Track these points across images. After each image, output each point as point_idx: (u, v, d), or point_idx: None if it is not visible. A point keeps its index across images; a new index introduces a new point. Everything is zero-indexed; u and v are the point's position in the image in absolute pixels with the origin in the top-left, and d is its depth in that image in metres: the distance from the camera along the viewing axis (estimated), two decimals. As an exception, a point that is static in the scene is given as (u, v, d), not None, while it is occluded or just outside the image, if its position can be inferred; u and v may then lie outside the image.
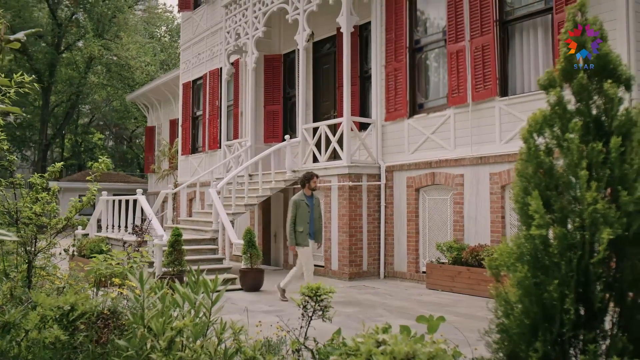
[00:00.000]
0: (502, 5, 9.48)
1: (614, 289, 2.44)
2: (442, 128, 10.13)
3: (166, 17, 37.26)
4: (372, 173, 11.10)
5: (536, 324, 2.42)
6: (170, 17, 37.22)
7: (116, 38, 28.71)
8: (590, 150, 2.47)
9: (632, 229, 2.35)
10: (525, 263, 2.48)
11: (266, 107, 14.89)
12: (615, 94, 2.52)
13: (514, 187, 2.63)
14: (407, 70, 10.83)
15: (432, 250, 10.09)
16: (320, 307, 3.03)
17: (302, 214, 8.44)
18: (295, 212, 8.47)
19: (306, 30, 11.91)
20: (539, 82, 2.70)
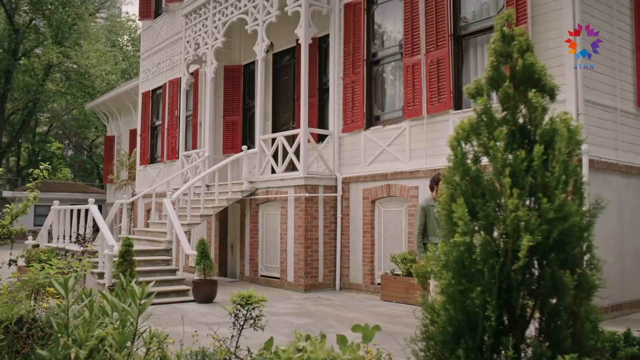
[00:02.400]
0: (457, 21, 9.63)
1: (536, 296, 2.45)
2: (397, 140, 10.20)
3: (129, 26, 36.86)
4: (329, 184, 11.10)
5: (460, 331, 2.42)
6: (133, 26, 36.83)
7: (76, 46, 28.24)
8: (514, 158, 2.50)
9: (552, 236, 2.37)
10: (450, 270, 2.48)
11: (225, 118, 14.81)
12: (539, 103, 2.55)
13: (440, 194, 2.63)
14: (365, 82, 10.90)
15: (387, 262, 10.11)
16: (251, 316, 2.96)
17: (433, 223, 6.62)
18: (425, 220, 6.72)
19: (265, 41, 11.91)
20: (467, 90, 2.72)
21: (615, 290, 8.11)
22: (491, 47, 2.73)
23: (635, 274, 8.61)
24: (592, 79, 8.22)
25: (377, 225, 10.52)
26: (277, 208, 11.44)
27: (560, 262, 2.41)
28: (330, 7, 11.57)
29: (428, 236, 6.66)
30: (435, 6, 9.71)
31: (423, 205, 6.79)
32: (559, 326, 2.38)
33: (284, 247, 11.12)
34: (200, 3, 13.98)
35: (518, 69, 2.65)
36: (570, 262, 2.41)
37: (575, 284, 2.35)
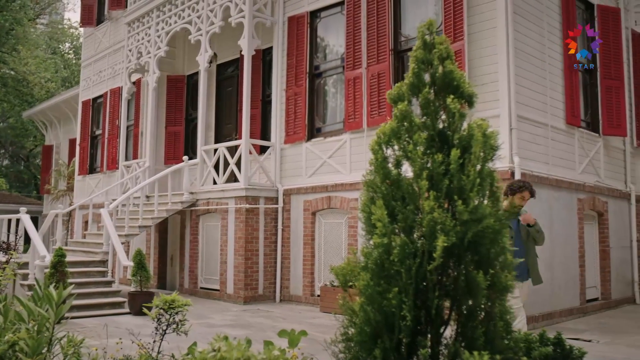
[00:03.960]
0: (397, 36, 9.83)
1: (452, 296, 2.51)
2: (338, 152, 10.29)
3: (71, 34, 35.97)
4: (270, 196, 11.08)
5: (377, 332, 2.45)
6: (75, 34, 35.97)
7: (14, 51, 27.35)
8: (432, 161, 2.56)
9: (467, 238, 2.44)
10: (369, 271, 2.52)
11: (168, 128, 14.61)
12: (457, 109, 2.63)
13: (361, 197, 2.67)
14: (307, 95, 10.97)
15: (327, 274, 10.14)
16: (175, 321, 2.92)
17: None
18: None
19: (208, 51, 11.84)
20: (389, 95, 2.78)
21: (545, 299, 8.37)
22: (413, 55, 2.81)
23: (565, 285, 8.91)
24: (525, 95, 8.52)
25: (318, 237, 10.56)
26: (218, 219, 11.33)
27: (475, 263, 2.47)
28: (274, 19, 11.62)
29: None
30: (376, 21, 9.89)
31: None
32: (473, 326, 2.44)
33: (224, 259, 11.01)
34: (144, 11, 13.81)
35: (438, 76, 2.73)
36: (484, 263, 2.48)
37: (488, 284, 2.41)
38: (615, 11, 10.70)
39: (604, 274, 10.04)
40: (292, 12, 11.45)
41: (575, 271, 9.22)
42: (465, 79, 2.74)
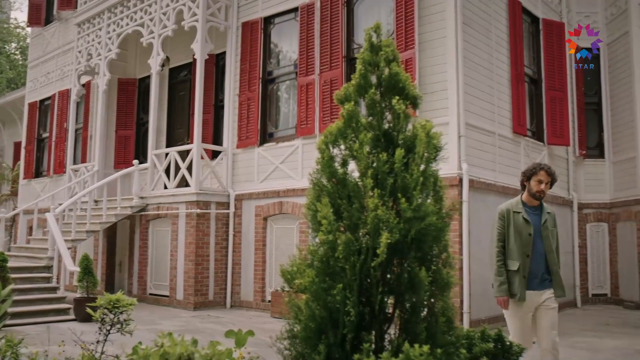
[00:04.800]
0: (350, 44, 9.94)
1: (396, 292, 2.56)
2: (290, 158, 10.31)
3: (17, 33, 34.95)
4: (222, 201, 11.00)
5: (322, 328, 2.48)
6: (22, 34, 34.98)
7: (-43, 51, 26.42)
8: (377, 160, 2.61)
9: (410, 235, 2.49)
10: (315, 269, 2.55)
11: (118, 132, 14.35)
12: (402, 110, 2.69)
13: (307, 195, 2.70)
14: (260, 100, 10.97)
15: (279, 279, 10.12)
16: (119, 321, 2.88)
17: (518, 239, 4.55)
18: (504, 233, 4.62)
19: (161, 55, 11.72)
20: (336, 96, 2.82)
21: (492, 302, 8.54)
22: (360, 57, 2.86)
23: (510, 289, 9.12)
24: (474, 104, 8.73)
25: (269, 242, 10.54)
26: (168, 224, 11.18)
27: (418, 259, 2.53)
28: (228, 24, 11.59)
29: (511, 257, 4.53)
30: (330, 29, 9.98)
31: (503, 210, 4.67)
32: (416, 321, 2.49)
33: (174, 265, 10.86)
34: (94, 12, 13.56)
35: (384, 78, 2.79)
36: (427, 260, 2.54)
37: (430, 280, 2.47)
38: (560, 25, 11.09)
39: (548, 278, 10.32)
40: (246, 17, 11.45)
41: (521, 276, 9.45)
42: (411, 81, 2.80)
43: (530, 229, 4.51)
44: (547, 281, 4.54)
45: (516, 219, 4.55)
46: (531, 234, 4.50)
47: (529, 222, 4.52)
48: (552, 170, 4.59)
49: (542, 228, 4.55)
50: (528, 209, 4.60)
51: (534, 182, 4.55)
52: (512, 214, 4.58)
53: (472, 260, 8.18)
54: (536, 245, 4.52)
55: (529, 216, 4.54)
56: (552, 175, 4.57)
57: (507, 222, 4.58)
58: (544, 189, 4.53)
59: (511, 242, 4.53)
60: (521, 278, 4.45)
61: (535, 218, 4.57)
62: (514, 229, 4.53)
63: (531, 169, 4.61)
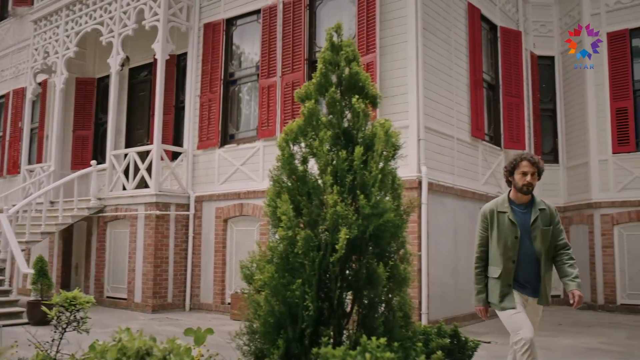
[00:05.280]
0: (312, 46, 9.99)
1: (354, 288, 2.60)
2: (251, 160, 10.29)
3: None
4: (182, 203, 10.91)
5: (281, 323, 2.50)
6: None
7: None
8: (337, 158, 2.65)
9: (368, 231, 2.54)
10: (274, 264, 2.56)
11: (75, 132, 14.08)
12: (362, 108, 2.74)
13: (267, 192, 2.72)
14: (221, 101, 10.92)
15: (239, 281, 10.07)
16: (76, 319, 2.83)
17: (503, 242, 4.05)
18: (486, 236, 4.16)
19: (120, 54, 11.55)
20: (297, 94, 2.85)
21: (450, 304, 8.71)
22: (321, 56, 2.90)
23: (468, 290, 9.28)
24: (433, 108, 8.88)
25: (229, 244, 10.49)
26: (127, 226, 11.01)
27: (376, 255, 2.57)
28: (190, 24, 11.51)
29: (493, 263, 4.07)
30: (292, 31, 10.01)
31: (486, 211, 4.15)
32: (374, 316, 2.53)
33: (132, 267, 10.71)
34: (52, 10, 13.29)
35: (345, 77, 2.84)
36: (384, 256, 2.59)
37: (388, 275, 2.52)
38: (517, 33, 11.37)
39: (504, 280, 10.54)
40: (208, 18, 11.39)
41: (478, 277, 9.63)
42: (370, 80, 2.85)
43: (517, 231, 3.99)
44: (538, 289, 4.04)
45: (501, 220, 4.03)
46: (517, 236, 3.97)
47: (515, 224, 4.00)
48: (535, 158, 4.09)
49: (532, 229, 4.01)
50: (516, 208, 4.06)
51: (518, 175, 4.04)
52: (497, 214, 4.06)
53: (430, 262, 8.30)
54: (524, 248, 3.98)
55: (516, 216, 4.03)
56: (536, 165, 4.05)
57: (490, 224, 4.07)
58: (530, 181, 4.00)
59: (493, 246, 4.04)
60: (504, 286, 3.95)
61: (523, 217, 4.03)
62: (497, 232, 4.02)
63: (512, 161, 4.12)
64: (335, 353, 1.72)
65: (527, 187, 4.00)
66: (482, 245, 4.11)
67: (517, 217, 4.01)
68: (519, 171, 4.02)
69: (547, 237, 4.02)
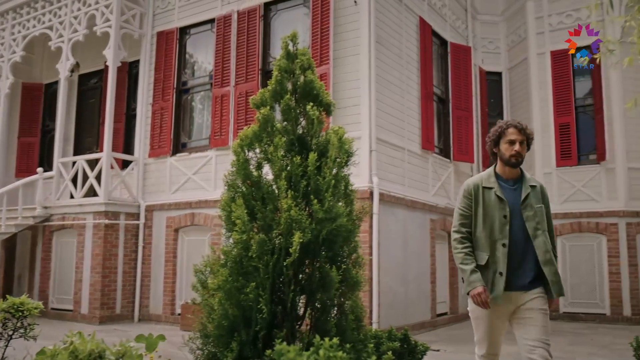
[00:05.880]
0: (266, 57, 10.04)
1: (308, 291, 2.64)
2: (204, 169, 10.23)
3: None
4: (132, 212, 10.73)
5: (235, 326, 2.51)
6: None
7: None
8: (291, 164, 2.69)
9: (322, 235, 2.59)
10: (228, 268, 2.58)
11: (21, 139, 13.69)
12: (316, 115, 2.79)
13: (222, 197, 2.74)
14: (174, 110, 10.84)
15: (189, 292, 9.96)
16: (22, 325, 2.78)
17: (489, 222, 3.50)
18: (470, 215, 3.58)
19: (70, 60, 11.33)
20: (252, 101, 2.89)
21: (400, 313, 8.83)
22: (277, 64, 2.95)
23: (417, 299, 9.46)
24: (385, 120, 9.04)
25: (180, 254, 10.37)
26: (74, 235, 10.75)
27: (329, 259, 2.62)
28: (143, 32, 11.40)
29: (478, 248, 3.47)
30: (247, 41, 10.03)
31: (469, 186, 3.61)
32: (326, 319, 2.58)
33: (79, 277, 10.45)
34: (-2, 13, 12.94)
35: (299, 85, 2.89)
36: (337, 260, 2.64)
37: (340, 279, 2.57)
38: (466, 49, 11.70)
39: (453, 290, 10.77)
40: (161, 26, 11.30)
41: (427, 287, 9.82)
42: (325, 88, 2.92)
43: (506, 210, 3.43)
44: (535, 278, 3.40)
45: (487, 198, 3.48)
46: (506, 215, 3.42)
47: (504, 201, 3.45)
48: (522, 125, 3.58)
49: (522, 207, 3.45)
50: (503, 183, 3.53)
51: (504, 145, 3.52)
52: (482, 190, 3.51)
53: (381, 271, 8.41)
54: (515, 230, 3.41)
55: (505, 192, 3.48)
56: (524, 132, 3.54)
57: (475, 201, 3.50)
58: (519, 151, 3.48)
59: (478, 227, 3.45)
60: (493, 275, 3.36)
61: (512, 194, 3.49)
62: (483, 210, 3.47)
63: (496, 129, 3.62)
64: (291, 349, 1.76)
65: (515, 158, 3.49)
66: (466, 226, 3.51)
67: (506, 194, 3.47)
68: (506, 140, 3.51)
69: (542, 215, 3.48)
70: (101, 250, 10.18)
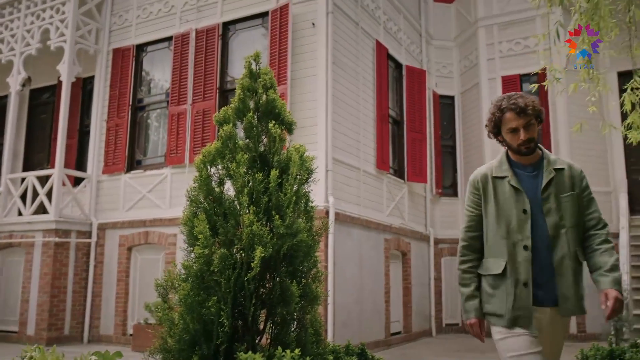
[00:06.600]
0: (224, 76, 10.07)
1: (268, 305, 2.67)
2: (159, 187, 10.14)
3: None
4: (84, 230, 10.52)
5: (196, 340, 2.53)
6: None
7: None
8: (253, 180, 2.74)
9: (283, 250, 2.64)
10: (190, 283, 2.60)
11: (-33, 154, 13.28)
12: (278, 134, 2.86)
13: (184, 212, 2.76)
14: (129, 127, 10.73)
15: (142, 311, 9.78)
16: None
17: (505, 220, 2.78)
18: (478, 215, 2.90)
19: (22, 74, 11.11)
20: (215, 118, 2.94)
21: (355, 332, 8.88)
22: (240, 82, 3.00)
23: (372, 318, 9.54)
24: (341, 140, 9.16)
25: (133, 273, 10.20)
26: (22, 254, 10.45)
27: (289, 274, 2.67)
28: (99, 47, 11.29)
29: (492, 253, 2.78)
30: (205, 60, 10.05)
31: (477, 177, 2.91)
32: (286, 332, 2.62)
33: (26, 297, 10.13)
34: (-54, 25, 12.59)
35: (262, 103, 2.95)
36: (297, 274, 2.69)
37: (300, 293, 2.62)
38: (421, 72, 12.00)
39: (407, 309, 10.90)
40: (118, 43, 11.22)
41: (382, 306, 9.91)
42: (286, 107, 2.99)
43: (525, 202, 2.72)
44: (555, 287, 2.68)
45: (500, 189, 2.79)
46: (526, 209, 2.71)
47: (521, 191, 2.74)
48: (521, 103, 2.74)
49: (544, 198, 2.72)
50: (519, 170, 2.81)
51: (507, 135, 2.80)
52: (493, 181, 2.82)
53: (336, 289, 8.46)
54: (539, 227, 2.69)
55: (522, 181, 2.77)
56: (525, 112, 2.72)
57: (484, 195, 2.82)
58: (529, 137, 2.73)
59: (491, 228, 2.77)
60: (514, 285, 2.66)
61: (532, 182, 2.77)
62: (496, 206, 2.77)
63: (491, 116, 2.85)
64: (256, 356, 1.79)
65: (526, 147, 2.76)
66: (472, 229, 2.84)
67: (524, 183, 2.76)
68: (506, 129, 2.78)
69: (570, 208, 2.71)
70: (50, 269, 9.92)
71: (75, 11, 10.77)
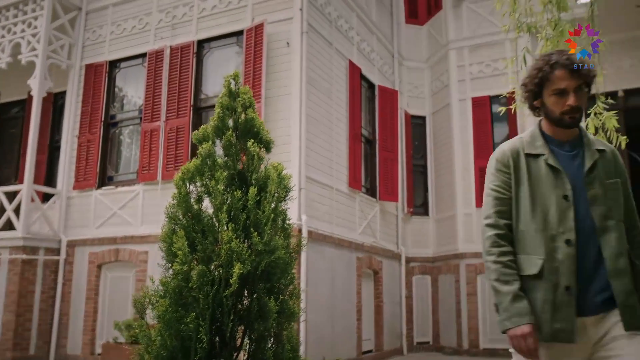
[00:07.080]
0: (198, 93, 10.09)
1: (246, 321, 2.70)
2: (130, 204, 10.05)
3: None
4: (52, 247, 10.35)
5: (174, 356, 2.53)
6: None
7: None
8: (232, 198, 2.78)
9: (261, 267, 2.67)
10: (168, 298, 2.61)
11: None
12: (256, 152, 2.91)
13: (163, 228, 2.78)
14: (100, 143, 10.64)
15: (111, 330, 9.63)
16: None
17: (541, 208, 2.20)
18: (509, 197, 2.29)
19: (-9, 88, 10.97)
20: (195, 136, 2.97)
21: (327, 348, 8.88)
22: (219, 101, 3.05)
23: (344, 336, 9.55)
24: (314, 159, 9.23)
25: (102, 291, 10.05)
26: (-13, 271, 10.24)
27: (267, 290, 2.71)
28: (71, 63, 11.21)
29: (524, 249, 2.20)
30: (179, 77, 10.06)
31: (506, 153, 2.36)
32: (264, 348, 2.64)
33: (-9, 316, 9.91)
34: None
35: (241, 122, 3.00)
36: (275, 291, 2.72)
37: (278, 309, 2.65)
38: (393, 92, 12.18)
39: (378, 327, 10.94)
40: (90, 58, 11.16)
41: (353, 324, 9.94)
42: (264, 126, 3.04)
43: (566, 186, 2.22)
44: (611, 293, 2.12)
45: (534, 169, 2.27)
46: (568, 195, 2.20)
47: (561, 172, 2.24)
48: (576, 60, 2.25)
49: (587, 182, 2.23)
50: (556, 148, 2.31)
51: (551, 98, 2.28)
52: (525, 159, 2.30)
53: (309, 308, 8.46)
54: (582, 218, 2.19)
55: (560, 160, 2.27)
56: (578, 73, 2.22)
57: (516, 176, 2.29)
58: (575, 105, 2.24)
59: (523, 217, 2.24)
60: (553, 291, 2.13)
61: (571, 163, 2.28)
62: (530, 189, 2.25)
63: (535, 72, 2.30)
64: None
65: (571, 117, 2.25)
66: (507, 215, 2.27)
67: (564, 162, 2.26)
68: (552, 89, 2.26)
69: (618, 197, 2.24)
70: (17, 287, 9.72)
71: (47, 26, 10.70)
